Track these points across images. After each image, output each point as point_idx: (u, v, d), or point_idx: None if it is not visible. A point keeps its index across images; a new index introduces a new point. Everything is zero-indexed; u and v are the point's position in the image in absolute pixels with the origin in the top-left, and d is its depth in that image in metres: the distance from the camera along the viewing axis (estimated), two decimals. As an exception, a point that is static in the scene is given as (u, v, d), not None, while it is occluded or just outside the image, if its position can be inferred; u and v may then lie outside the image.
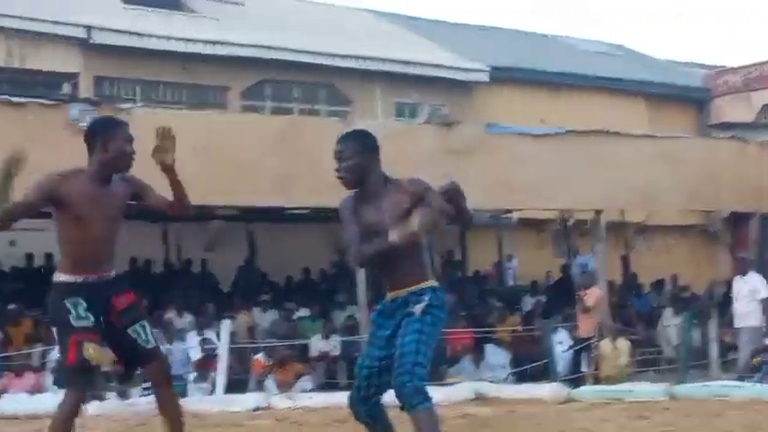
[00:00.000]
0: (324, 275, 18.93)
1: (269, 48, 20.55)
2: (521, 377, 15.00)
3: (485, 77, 22.82)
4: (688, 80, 27.37)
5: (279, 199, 14.54)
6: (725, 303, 17.23)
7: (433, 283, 5.45)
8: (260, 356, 13.72)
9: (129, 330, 5.60)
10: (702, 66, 30.66)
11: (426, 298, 5.35)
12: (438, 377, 14.46)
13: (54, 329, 5.61)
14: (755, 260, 16.76)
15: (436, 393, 5.77)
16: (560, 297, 18.47)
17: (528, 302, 18.49)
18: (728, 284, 18.08)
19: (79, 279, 5.47)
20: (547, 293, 19.42)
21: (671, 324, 16.78)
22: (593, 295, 15.35)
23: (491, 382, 13.11)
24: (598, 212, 16.48)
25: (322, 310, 16.24)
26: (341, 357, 14.88)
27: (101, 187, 5.49)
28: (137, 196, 5.74)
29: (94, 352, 5.43)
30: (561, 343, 15.65)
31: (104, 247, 5.53)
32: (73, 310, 5.43)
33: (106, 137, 5.53)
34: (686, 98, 26.59)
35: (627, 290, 19.28)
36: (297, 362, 13.90)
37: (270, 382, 13.24)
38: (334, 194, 14.83)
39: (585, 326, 15.30)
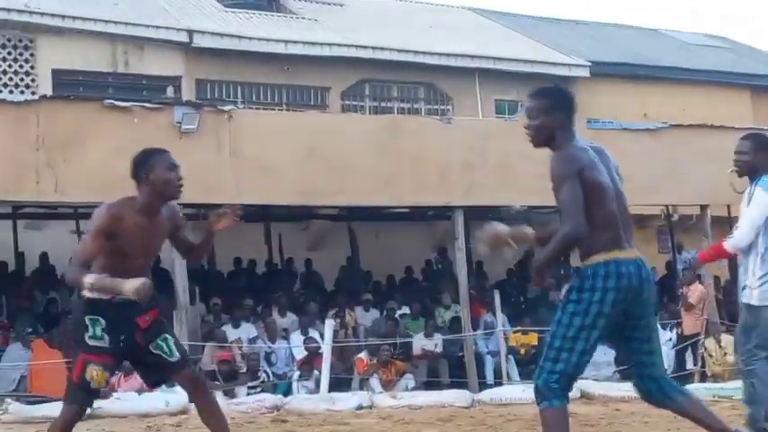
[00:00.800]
0: (426, 273, 18.95)
1: (368, 47, 20.65)
2: (625, 375, 14.83)
3: (585, 73, 22.60)
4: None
5: (381, 198, 14.61)
6: None
7: (591, 259, 4.99)
8: (362, 355, 13.80)
9: (152, 347, 5.70)
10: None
11: (573, 282, 5.06)
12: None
13: (72, 344, 5.82)
14: None
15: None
16: (665, 294, 18.22)
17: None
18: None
19: (105, 298, 5.52)
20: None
21: None
22: (696, 292, 15.14)
23: (595, 380, 13.02)
24: (703, 207, 16.24)
25: (424, 308, 16.27)
26: (443, 355, 14.88)
27: (150, 220, 5.62)
28: (172, 231, 5.89)
29: (97, 375, 5.54)
30: (670, 340, 15.46)
31: (139, 275, 5.50)
32: (90, 329, 5.56)
33: (149, 169, 5.60)
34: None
35: (733, 285, 18.90)
36: (400, 360, 13.95)
37: (374, 381, 13.32)
38: (434, 192, 14.97)
39: (689, 323, 15.10)
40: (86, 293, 5.51)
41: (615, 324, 5.03)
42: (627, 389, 11.61)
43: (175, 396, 10.52)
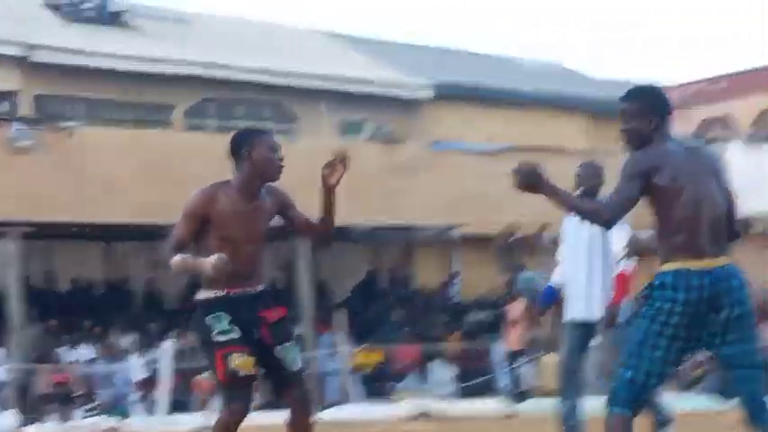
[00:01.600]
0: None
1: (212, 65, 20.47)
2: (466, 392, 15.04)
3: (430, 95, 22.90)
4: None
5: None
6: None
7: (663, 267, 4.69)
8: (203, 376, 13.62)
9: (278, 349, 5.28)
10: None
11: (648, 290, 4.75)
12: (384, 393, 14.47)
13: (202, 351, 5.35)
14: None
15: (380, 411, 5.63)
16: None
17: (474, 317, 18.54)
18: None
19: (221, 293, 5.23)
20: (492, 308, 19.49)
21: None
22: (517, 308, 15.42)
23: (436, 397, 13.15)
24: (542, 227, 16.60)
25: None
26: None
27: (249, 202, 5.27)
28: (281, 211, 5.46)
29: (241, 361, 5.10)
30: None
31: (250, 264, 5.27)
32: (215, 326, 5.17)
33: (250, 147, 5.28)
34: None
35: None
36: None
37: (216, 402, 13.14)
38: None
39: (513, 339, 15.34)
40: (199, 295, 5.30)
41: (697, 338, 4.70)
42: (466, 406, 11.78)
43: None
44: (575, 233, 7.37)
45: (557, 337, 14.72)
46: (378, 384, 15.42)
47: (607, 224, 4.78)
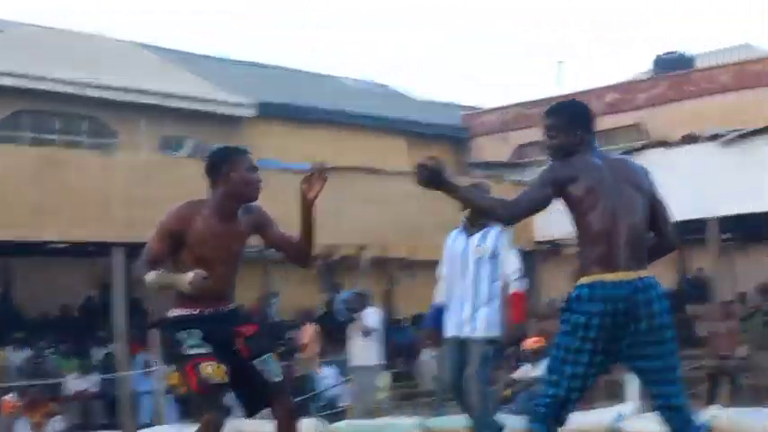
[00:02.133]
0: (84, 311, 18.36)
1: (25, 77, 19.85)
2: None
3: (252, 112, 22.82)
4: (448, 120, 28.23)
5: (37, 232, 14.05)
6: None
7: (580, 280, 4.65)
8: (8, 397, 13.13)
9: (257, 362, 5.14)
10: (462, 106, 31.68)
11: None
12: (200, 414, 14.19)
13: (175, 366, 5.20)
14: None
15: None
16: (324, 332, 18.58)
17: (291, 336, 18.50)
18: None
19: (194, 312, 5.10)
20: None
21: (429, 357, 17.10)
22: (307, 332, 15.44)
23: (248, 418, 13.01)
24: (361, 248, 16.71)
25: (78, 346, 15.73)
26: (99, 395, 14.44)
27: (225, 223, 5.14)
28: (259, 230, 5.31)
29: (213, 369, 4.96)
30: (326, 378, 15.75)
31: (223, 284, 5.15)
32: (186, 341, 5.04)
33: (228, 166, 5.15)
34: (446, 137, 27.41)
35: (388, 324, 19.55)
36: (49, 401, 13.38)
37: (21, 424, 12.69)
38: (94, 228, 14.50)
39: (305, 361, 15.46)
40: (170, 313, 5.13)
41: (617, 350, 4.63)
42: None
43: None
44: (460, 252, 7.41)
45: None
46: (192, 405, 15.17)
47: (506, 221, 4.80)
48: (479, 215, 4.83)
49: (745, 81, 23.40)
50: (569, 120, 4.82)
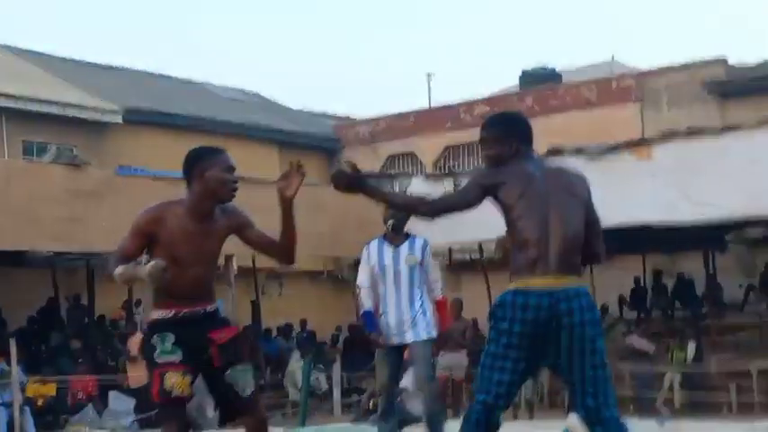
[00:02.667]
0: None
1: None
2: (147, 423, 14.71)
3: (118, 119, 22.39)
4: (319, 130, 28.23)
5: None
6: (351, 347, 17.77)
7: (507, 286, 4.69)
8: None
9: (227, 374, 5.07)
10: (334, 116, 31.74)
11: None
12: (59, 427, 13.91)
13: (147, 370, 5.12)
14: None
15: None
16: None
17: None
18: (355, 329, 18.66)
19: (170, 314, 5.04)
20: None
21: (297, 368, 17.04)
22: (134, 342, 15.00)
23: (113, 430, 12.79)
24: (229, 258, 16.52)
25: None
26: None
27: (199, 222, 5.04)
28: (237, 230, 5.19)
29: (177, 380, 4.91)
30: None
31: (199, 285, 5.06)
32: (159, 345, 4.98)
33: (203, 166, 5.06)
34: (317, 147, 27.41)
35: (255, 334, 19.41)
36: None
37: None
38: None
39: (135, 376, 14.89)
40: (151, 315, 5.14)
41: (542, 355, 4.62)
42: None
43: None
44: (390, 262, 7.60)
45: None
46: (51, 417, 14.82)
47: (428, 216, 4.76)
48: (400, 212, 4.86)
49: (610, 96, 23.97)
50: (503, 131, 4.84)
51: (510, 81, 30.55)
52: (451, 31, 72.28)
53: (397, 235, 7.64)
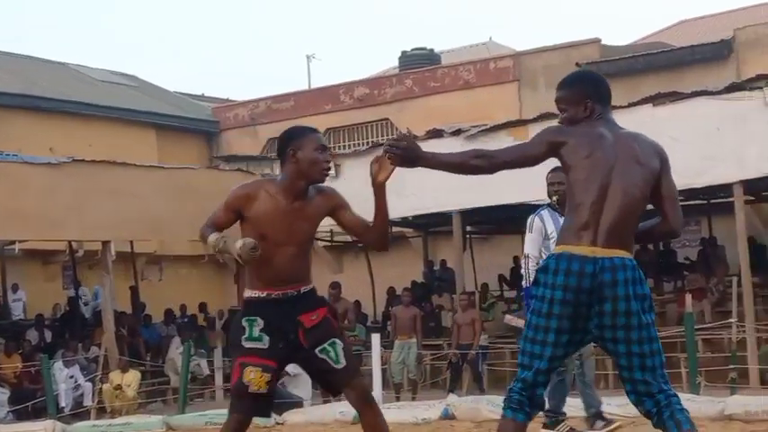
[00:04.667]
0: None
1: None
2: (22, 415, 14.39)
3: (-15, 102, 21.77)
4: (198, 113, 27.90)
5: None
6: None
7: (554, 249, 4.49)
8: None
9: (318, 351, 5.08)
10: (213, 99, 31.38)
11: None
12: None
13: (231, 351, 5.24)
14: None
15: None
16: (68, 330, 18.02)
17: (33, 337, 17.81)
18: (236, 312, 18.53)
19: (262, 294, 5.06)
20: (54, 327, 18.85)
21: (177, 354, 16.84)
22: None
23: (-10, 422, 12.48)
24: (105, 243, 16.21)
25: None
26: None
27: (292, 202, 5.05)
28: (332, 212, 5.19)
29: (255, 377, 4.98)
30: (72, 377, 15.23)
31: (292, 266, 5.06)
32: (247, 330, 5.04)
33: (296, 145, 5.07)
34: (195, 130, 27.11)
35: (135, 321, 19.13)
36: None
37: None
38: None
39: (8, 367, 14.94)
40: (245, 294, 5.12)
41: (584, 329, 4.40)
42: (17, 429, 11.31)
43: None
44: None
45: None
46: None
47: (489, 170, 4.60)
48: (460, 173, 4.65)
49: (487, 78, 24.18)
50: (578, 92, 4.65)
51: (390, 62, 30.65)
52: (331, 12, 72.19)
53: (561, 207, 7.25)
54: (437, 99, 24.16)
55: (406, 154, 4.52)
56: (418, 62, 26.39)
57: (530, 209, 7.98)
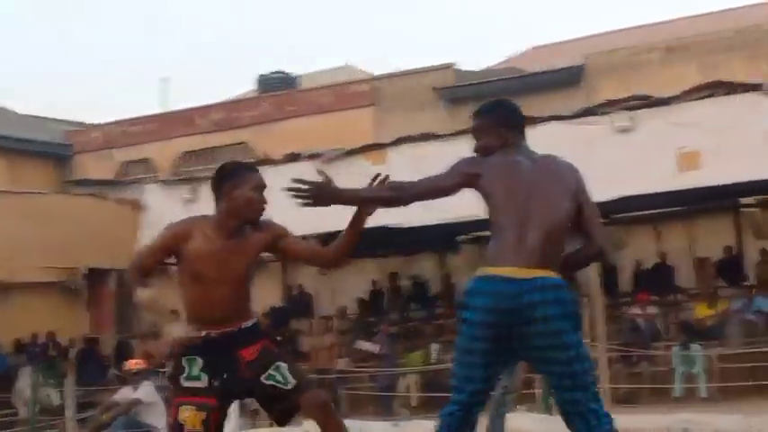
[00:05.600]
0: None
1: None
2: None
3: None
4: (49, 136, 27.22)
5: None
6: (86, 360, 17.21)
7: (477, 272, 4.44)
8: None
9: (263, 379, 4.96)
10: (66, 122, 30.65)
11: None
12: None
13: (170, 388, 5.12)
14: (114, 315, 16.90)
15: None
16: None
17: None
18: (89, 341, 18.10)
19: (201, 334, 4.95)
20: None
21: (27, 384, 16.33)
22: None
23: None
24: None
25: None
26: None
27: (226, 240, 4.93)
28: (272, 244, 5.07)
29: (190, 416, 4.89)
30: None
31: (230, 305, 4.95)
32: (186, 369, 4.96)
33: (234, 183, 4.94)
34: (47, 154, 26.44)
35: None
36: None
37: None
38: None
39: None
40: (185, 332, 4.95)
41: (512, 350, 4.40)
42: None
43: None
44: None
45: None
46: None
47: (405, 202, 4.62)
48: (377, 206, 4.62)
49: (345, 102, 24.25)
50: (493, 121, 4.72)
51: (247, 86, 30.47)
52: (188, 35, 71.52)
53: None
54: (294, 123, 24.10)
55: (322, 194, 4.56)
56: (276, 86, 26.32)
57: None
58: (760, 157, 12.81)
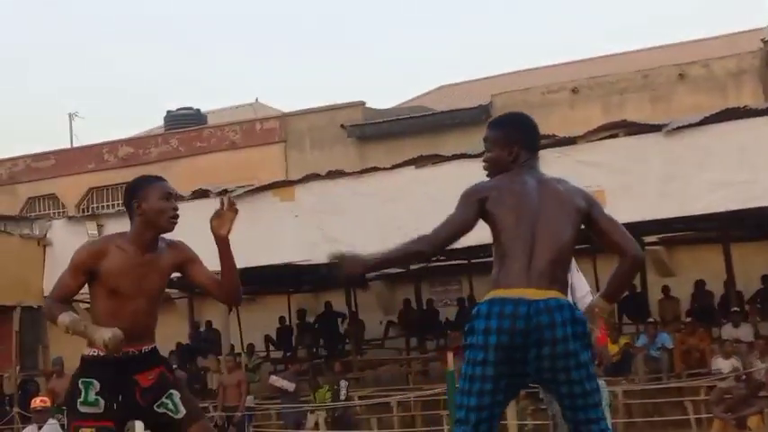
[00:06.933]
0: None
1: None
2: None
3: None
4: None
5: None
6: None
7: (486, 296, 4.33)
8: None
9: (156, 406, 4.95)
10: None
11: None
12: None
13: (66, 411, 5.02)
14: (18, 352, 16.58)
15: None
16: None
17: None
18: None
19: (101, 354, 4.82)
20: None
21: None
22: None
23: None
24: None
25: None
26: None
27: (143, 254, 4.93)
28: (182, 266, 5.07)
29: None
30: None
31: (141, 322, 4.94)
32: (83, 393, 4.87)
33: (140, 196, 4.95)
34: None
35: None
36: None
37: None
38: None
39: None
40: (84, 351, 4.90)
41: (524, 373, 4.27)
42: None
43: None
44: None
45: None
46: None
47: (431, 254, 4.52)
48: (406, 263, 4.57)
49: (254, 138, 24.27)
50: (506, 134, 4.59)
51: (155, 122, 30.28)
52: (96, 70, 70.82)
53: None
54: (203, 159, 24.05)
55: (354, 267, 4.41)
56: (184, 122, 26.24)
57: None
58: (663, 196, 13.08)
